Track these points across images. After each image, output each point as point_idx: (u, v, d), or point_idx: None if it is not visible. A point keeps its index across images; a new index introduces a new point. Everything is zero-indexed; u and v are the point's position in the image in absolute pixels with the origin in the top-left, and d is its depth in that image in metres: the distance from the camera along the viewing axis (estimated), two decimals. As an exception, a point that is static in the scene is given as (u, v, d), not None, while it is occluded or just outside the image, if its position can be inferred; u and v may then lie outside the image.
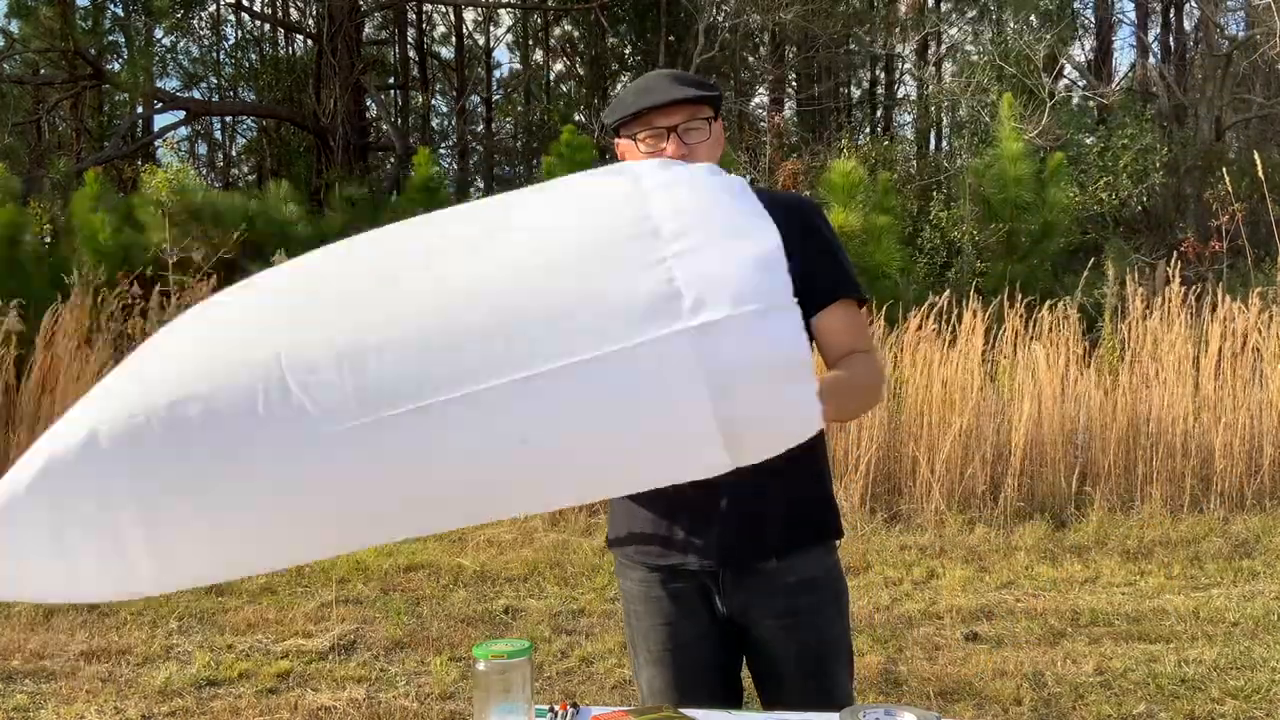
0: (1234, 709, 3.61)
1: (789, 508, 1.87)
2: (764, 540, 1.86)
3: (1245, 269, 9.76)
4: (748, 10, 15.41)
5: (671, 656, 1.92)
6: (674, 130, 1.79)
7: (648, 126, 1.80)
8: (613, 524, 2.00)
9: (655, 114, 1.79)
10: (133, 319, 7.13)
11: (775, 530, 1.87)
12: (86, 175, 9.93)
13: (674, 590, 1.91)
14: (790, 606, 1.87)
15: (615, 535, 1.98)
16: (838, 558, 1.98)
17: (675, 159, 1.72)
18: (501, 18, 22.08)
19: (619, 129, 1.85)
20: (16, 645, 4.24)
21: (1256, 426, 6.29)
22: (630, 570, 1.96)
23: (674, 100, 1.78)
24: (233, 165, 23.54)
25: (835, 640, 1.93)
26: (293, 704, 3.71)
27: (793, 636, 1.88)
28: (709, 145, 1.83)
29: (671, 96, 1.78)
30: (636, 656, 1.98)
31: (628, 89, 1.89)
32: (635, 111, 1.80)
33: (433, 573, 5.19)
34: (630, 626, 1.98)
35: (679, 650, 1.92)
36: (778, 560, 1.87)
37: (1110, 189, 12.09)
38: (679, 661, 1.92)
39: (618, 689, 3.86)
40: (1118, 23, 19.41)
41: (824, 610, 1.91)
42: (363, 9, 17.42)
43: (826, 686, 1.87)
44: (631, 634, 1.98)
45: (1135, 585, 5.00)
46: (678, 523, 1.87)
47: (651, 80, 1.86)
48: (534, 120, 20.00)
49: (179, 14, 16.99)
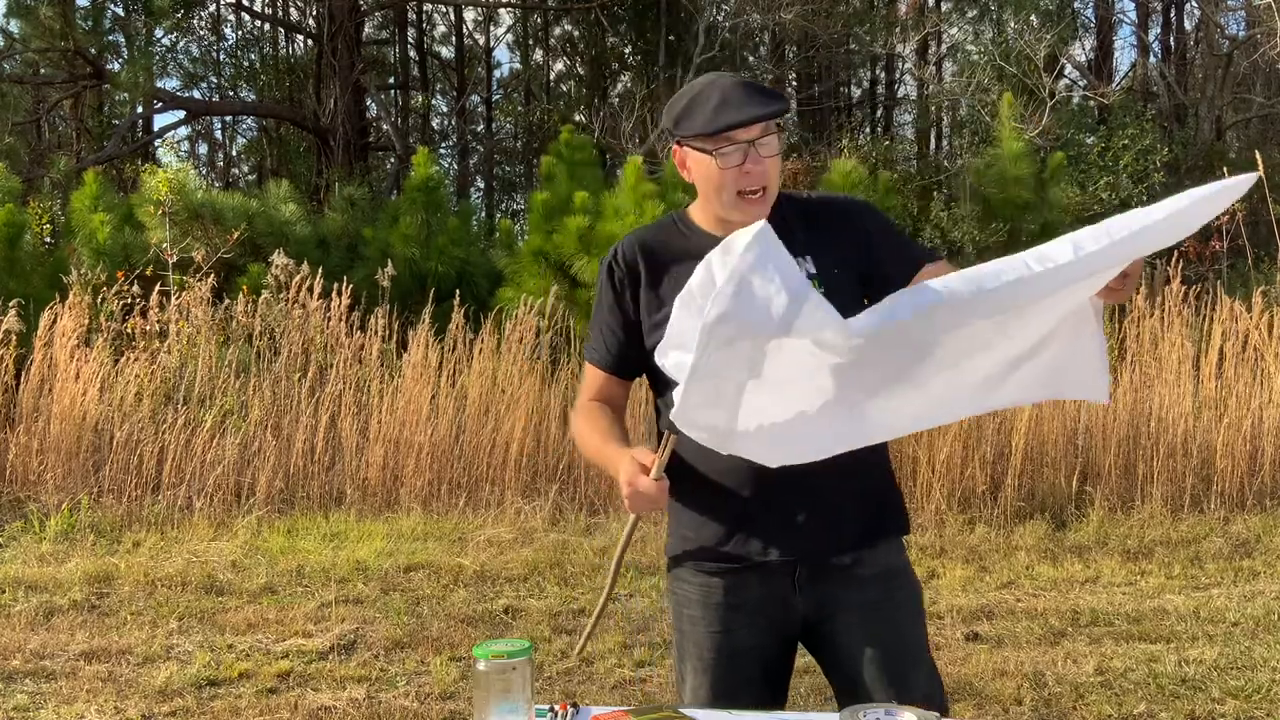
0: (1234, 709, 3.61)
1: (864, 502, 1.91)
2: (842, 535, 1.89)
3: (1245, 269, 9.76)
4: (748, 10, 15.39)
5: (723, 666, 1.91)
6: (751, 145, 1.79)
7: (726, 142, 1.78)
8: (676, 532, 1.97)
9: (736, 128, 1.78)
10: (133, 319, 7.13)
11: (852, 525, 1.89)
12: (86, 175, 9.92)
13: (736, 600, 1.90)
14: (869, 600, 1.89)
15: (680, 543, 1.96)
16: (907, 559, 2.01)
17: (753, 174, 1.79)
18: (501, 18, 22.07)
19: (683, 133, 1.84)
20: (16, 645, 4.24)
21: (1257, 426, 6.29)
22: (690, 576, 1.94)
23: (755, 119, 1.77)
24: (233, 165, 23.55)
25: (915, 638, 1.94)
26: (293, 704, 3.71)
27: (872, 631, 1.88)
28: (778, 160, 1.85)
29: (753, 115, 1.77)
30: (683, 663, 1.97)
31: (698, 96, 1.82)
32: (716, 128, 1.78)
33: (433, 573, 5.19)
34: (680, 633, 1.97)
35: (731, 659, 1.91)
36: (855, 554, 1.90)
37: (1111, 189, 12.08)
38: (729, 671, 1.91)
39: (618, 689, 3.86)
40: (1118, 22, 19.40)
41: (903, 605, 1.93)
42: (363, 9, 17.41)
43: (905, 684, 1.85)
44: (681, 639, 1.97)
45: (1136, 585, 5.00)
46: (754, 520, 1.88)
47: (725, 90, 1.80)
48: (534, 120, 19.98)
49: (179, 14, 16.96)
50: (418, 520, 6.01)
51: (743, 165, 1.79)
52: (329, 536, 5.76)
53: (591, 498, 6.36)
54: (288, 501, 6.34)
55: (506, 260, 9.13)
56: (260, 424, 6.59)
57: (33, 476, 6.48)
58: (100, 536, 5.76)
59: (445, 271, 9.15)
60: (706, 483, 1.89)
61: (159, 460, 6.37)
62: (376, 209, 11.01)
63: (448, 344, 6.90)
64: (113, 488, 6.29)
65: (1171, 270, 6.88)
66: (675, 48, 16.83)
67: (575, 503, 6.31)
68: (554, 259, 8.56)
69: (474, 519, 6.08)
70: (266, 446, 6.41)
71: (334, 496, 6.42)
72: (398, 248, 9.20)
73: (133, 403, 6.63)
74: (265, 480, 6.27)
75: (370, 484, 6.44)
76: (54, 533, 5.76)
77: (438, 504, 6.32)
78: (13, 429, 6.62)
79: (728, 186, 1.81)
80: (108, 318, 7.11)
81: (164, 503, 6.16)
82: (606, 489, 6.38)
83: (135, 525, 5.96)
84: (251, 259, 8.87)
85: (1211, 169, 13.10)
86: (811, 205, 1.98)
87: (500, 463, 6.45)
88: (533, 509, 6.13)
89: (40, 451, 6.52)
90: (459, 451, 6.54)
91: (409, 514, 6.15)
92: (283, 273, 7.38)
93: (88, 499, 6.14)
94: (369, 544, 5.56)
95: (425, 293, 7.93)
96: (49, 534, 5.75)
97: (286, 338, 6.99)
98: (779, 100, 1.83)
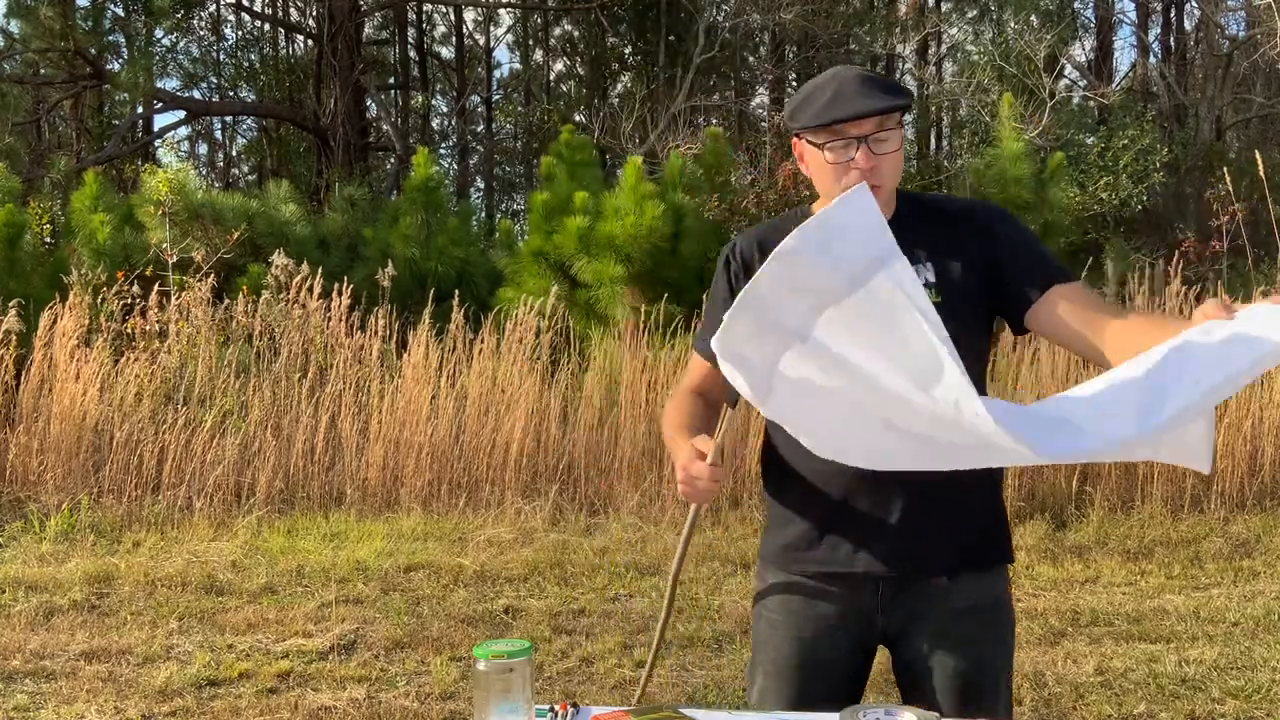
0: (1234, 709, 3.61)
1: (964, 526, 1.81)
2: (935, 556, 1.81)
3: (1245, 269, 9.75)
4: (748, 10, 15.40)
5: (794, 673, 1.87)
6: (864, 141, 1.71)
7: (837, 136, 1.72)
8: (770, 530, 1.93)
9: (845, 122, 1.71)
10: (133, 319, 7.13)
11: (948, 548, 1.81)
12: (86, 175, 9.92)
13: (815, 609, 1.85)
14: (951, 630, 1.81)
15: (770, 541, 1.92)
16: (1009, 587, 1.91)
17: (864, 169, 1.70)
18: (501, 18, 22.09)
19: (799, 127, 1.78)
20: (16, 645, 4.24)
21: (1257, 427, 6.29)
22: (774, 577, 1.90)
23: (866, 113, 1.70)
24: (233, 165, 23.56)
25: (992, 672, 1.84)
26: (293, 704, 3.70)
27: (946, 662, 1.81)
28: (896, 157, 1.76)
29: (863, 109, 1.69)
30: (755, 666, 1.93)
31: (816, 89, 1.76)
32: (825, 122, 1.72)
33: (433, 573, 5.19)
34: (758, 633, 1.93)
35: (802, 668, 1.86)
36: (948, 579, 1.82)
37: (1111, 189, 12.09)
38: (799, 678, 1.86)
39: (618, 689, 3.86)
40: (1118, 23, 19.40)
41: (991, 640, 1.85)
42: (363, 9, 17.41)
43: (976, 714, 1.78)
44: (757, 638, 1.94)
45: (1136, 585, 5.00)
46: (844, 528, 1.82)
47: (843, 83, 1.74)
48: (534, 120, 19.99)
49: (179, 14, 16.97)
50: (418, 520, 6.01)
51: (854, 160, 1.72)
52: (329, 536, 5.77)
53: (591, 498, 6.36)
54: (288, 501, 6.34)
55: (506, 260, 9.13)
56: (260, 424, 6.59)
57: (33, 476, 6.48)
58: (100, 536, 5.76)
59: (445, 271, 9.15)
60: (801, 482, 1.84)
61: (159, 460, 6.38)
62: (376, 209, 11.02)
63: (448, 344, 6.90)
64: (113, 488, 6.29)
65: (1172, 270, 6.88)
66: (675, 48, 16.85)
67: (575, 503, 6.31)
68: (554, 259, 8.56)
69: (474, 519, 6.08)
70: (266, 446, 6.41)
71: (334, 496, 6.42)
72: (398, 248, 9.20)
73: (133, 403, 6.63)
74: (265, 480, 6.27)
75: (370, 484, 6.44)
76: (54, 533, 5.76)
77: (438, 504, 6.32)
78: (13, 429, 6.62)
79: (837, 181, 1.74)
80: (108, 318, 7.11)
81: (164, 503, 6.16)
82: (606, 489, 6.38)
83: (135, 525, 5.96)
84: (251, 259, 8.87)
85: (1211, 169, 13.10)
86: (935, 206, 1.89)
87: (500, 463, 6.45)
88: (533, 509, 6.13)
89: (40, 451, 6.52)
90: (459, 451, 6.54)
91: (409, 514, 6.15)
92: (283, 273, 7.38)
93: (88, 499, 6.14)
94: (369, 544, 5.56)
95: (425, 293, 7.93)
96: (49, 534, 5.75)
97: (286, 338, 7.00)
98: (897, 95, 1.72)
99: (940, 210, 1.87)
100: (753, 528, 5.92)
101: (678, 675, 4.00)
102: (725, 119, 17.58)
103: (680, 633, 4.37)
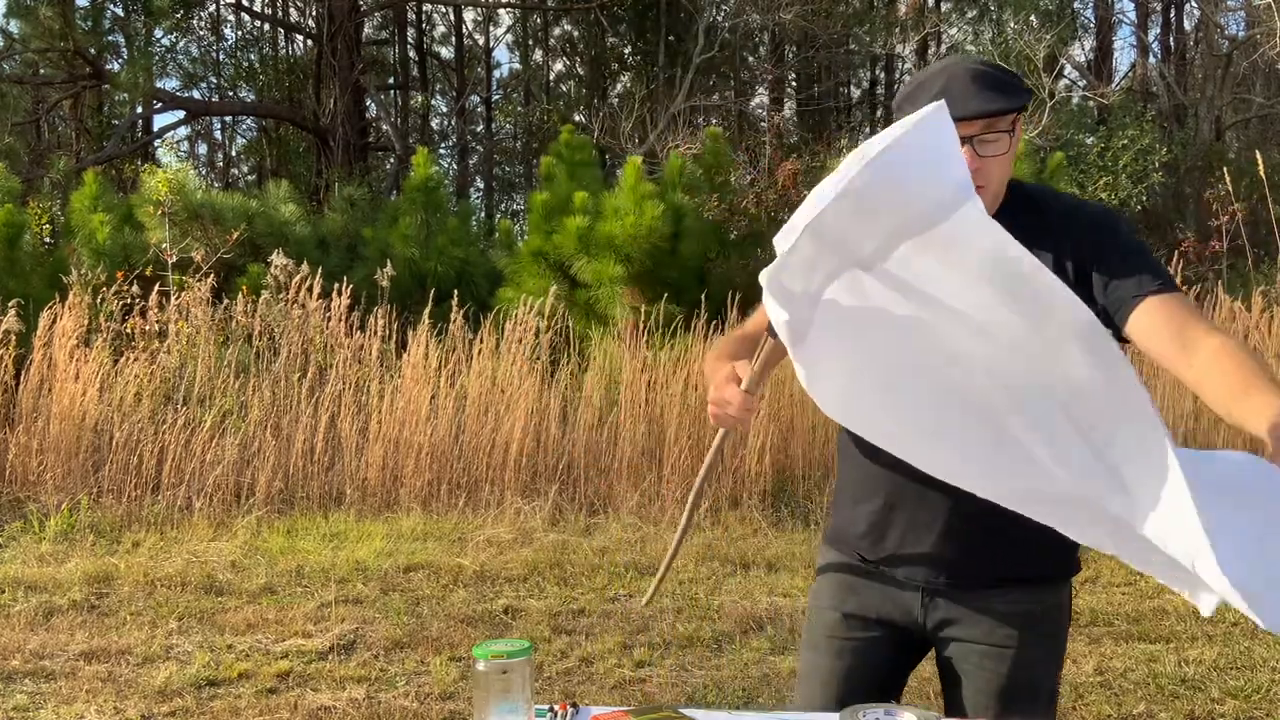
0: (1234, 709, 3.61)
1: (1020, 535, 1.63)
2: (984, 564, 1.75)
3: (1245, 269, 9.76)
4: (748, 10, 15.41)
5: (831, 643, 1.84)
6: (969, 142, 1.61)
7: None
8: (832, 508, 1.92)
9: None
10: (132, 319, 7.13)
11: (1001, 556, 1.74)
12: (86, 175, 9.93)
13: (858, 601, 1.83)
14: (994, 633, 1.76)
15: (833, 522, 1.90)
16: (1066, 597, 1.83)
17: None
18: (501, 18, 22.10)
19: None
20: (16, 645, 4.24)
21: (1256, 426, 6.28)
22: (829, 557, 1.89)
23: (969, 116, 1.60)
24: (233, 165, 23.57)
25: (1033, 679, 1.77)
26: (293, 704, 3.70)
27: (986, 664, 1.76)
28: (1004, 159, 1.66)
29: (965, 112, 1.58)
30: (805, 641, 1.92)
31: (925, 82, 1.67)
32: None
33: (433, 573, 5.19)
34: (810, 608, 1.92)
35: (839, 657, 1.83)
36: (997, 590, 1.76)
37: (1110, 189, 12.09)
38: (841, 676, 1.83)
39: (618, 689, 3.86)
40: (1118, 23, 19.41)
41: (1027, 644, 1.76)
42: (363, 9, 17.42)
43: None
44: (808, 619, 1.92)
45: (1135, 585, 5.00)
46: (896, 522, 1.78)
47: (951, 79, 1.64)
48: (534, 120, 20.00)
49: (179, 14, 16.99)
50: (417, 520, 6.01)
51: None
52: (329, 537, 5.77)
53: (591, 498, 6.37)
54: (287, 502, 6.34)
55: (506, 260, 9.14)
56: (260, 424, 6.59)
57: (32, 476, 6.48)
58: (100, 537, 5.76)
59: (445, 271, 9.15)
60: (864, 467, 1.80)
61: (159, 460, 6.37)
62: (376, 209, 11.02)
63: (447, 344, 6.91)
64: (112, 488, 6.29)
65: (1171, 270, 6.88)
66: (675, 48, 16.85)
67: (575, 503, 6.31)
68: (553, 259, 8.56)
69: (474, 519, 6.08)
70: (266, 446, 6.41)
71: (334, 497, 6.42)
72: (397, 248, 9.21)
73: (132, 403, 6.63)
74: (265, 480, 6.27)
75: (370, 484, 6.44)
76: (54, 533, 5.75)
77: (437, 504, 6.32)
78: (12, 429, 6.62)
79: None
80: (107, 318, 7.11)
81: (164, 503, 6.16)
82: (606, 489, 6.38)
83: (135, 525, 5.96)
84: (251, 259, 8.87)
85: (1211, 169, 13.10)
86: (1040, 195, 1.78)
87: (500, 463, 6.45)
88: (532, 509, 6.13)
89: (40, 451, 6.52)
90: (459, 452, 6.54)
91: (409, 514, 6.15)
92: (282, 273, 7.38)
93: (87, 499, 6.14)
94: (369, 544, 5.56)
95: (425, 293, 7.94)
96: (49, 534, 5.74)
97: (286, 338, 7.00)
98: (1010, 96, 1.62)
99: (1045, 199, 1.78)
100: (752, 528, 5.93)
101: (677, 675, 4.00)
102: (725, 119, 17.60)
103: (680, 633, 4.37)
